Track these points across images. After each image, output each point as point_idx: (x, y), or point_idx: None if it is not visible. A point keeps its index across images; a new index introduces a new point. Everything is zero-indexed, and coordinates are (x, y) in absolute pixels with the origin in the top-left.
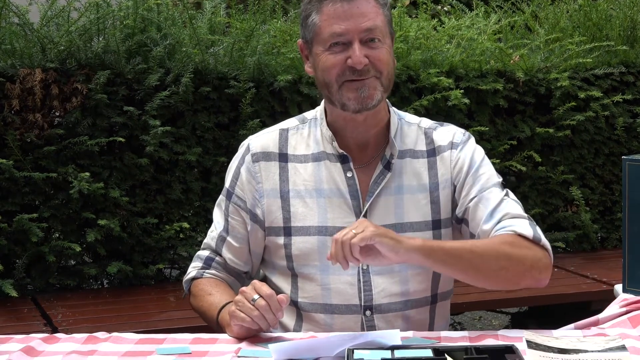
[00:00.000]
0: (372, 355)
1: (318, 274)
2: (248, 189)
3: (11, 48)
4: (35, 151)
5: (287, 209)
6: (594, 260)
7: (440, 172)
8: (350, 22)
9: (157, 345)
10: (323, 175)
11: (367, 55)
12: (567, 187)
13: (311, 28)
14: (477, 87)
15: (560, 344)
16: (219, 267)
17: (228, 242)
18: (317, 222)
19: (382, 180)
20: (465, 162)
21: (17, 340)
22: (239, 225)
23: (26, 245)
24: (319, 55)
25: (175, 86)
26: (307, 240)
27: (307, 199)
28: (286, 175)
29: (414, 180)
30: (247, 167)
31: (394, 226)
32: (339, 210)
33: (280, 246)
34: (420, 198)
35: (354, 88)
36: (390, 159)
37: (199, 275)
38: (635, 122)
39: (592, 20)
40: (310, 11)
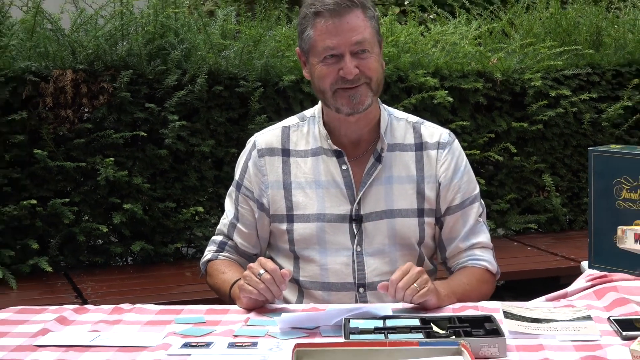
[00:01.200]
0: (366, 324)
1: (317, 256)
2: (255, 181)
3: (45, 51)
4: (66, 143)
5: (290, 199)
6: (563, 240)
7: (426, 167)
8: (341, 37)
9: (175, 315)
10: (321, 169)
11: (357, 65)
12: (539, 175)
13: (307, 41)
14: (460, 86)
15: (533, 314)
16: (231, 250)
17: (238, 228)
18: (316, 210)
19: (374, 171)
20: (451, 165)
21: (51, 310)
22: (247, 214)
23: (59, 226)
24: (314, 65)
25: (191, 85)
26: (308, 226)
27: (307, 189)
28: (288, 168)
29: (403, 171)
30: (254, 162)
31: (385, 212)
32: (335, 199)
33: (284, 232)
34: (407, 188)
35: (347, 95)
36: (380, 152)
37: (214, 257)
38: (600, 117)
39: (562, 27)
40: (306, 26)
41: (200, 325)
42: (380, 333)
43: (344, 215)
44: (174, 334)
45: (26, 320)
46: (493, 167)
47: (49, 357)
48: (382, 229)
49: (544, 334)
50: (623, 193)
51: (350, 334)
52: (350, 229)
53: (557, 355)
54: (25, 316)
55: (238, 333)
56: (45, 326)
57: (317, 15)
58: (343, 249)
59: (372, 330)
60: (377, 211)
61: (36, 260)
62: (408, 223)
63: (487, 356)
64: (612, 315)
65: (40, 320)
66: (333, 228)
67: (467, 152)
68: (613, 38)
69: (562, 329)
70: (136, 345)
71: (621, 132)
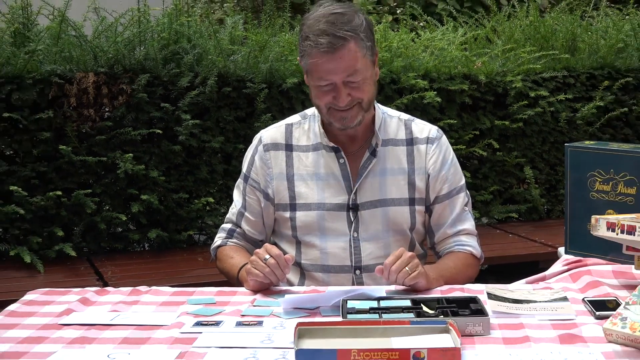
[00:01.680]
0: (362, 304)
1: (317, 241)
2: (261, 173)
3: (69, 56)
4: (89, 139)
5: (292, 189)
6: (541, 228)
7: (416, 160)
8: (334, 73)
9: (187, 296)
10: (321, 162)
11: (350, 93)
12: (520, 168)
13: (305, 65)
14: (447, 87)
15: (514, 295)
16: (239, 237)
17: (246, 217)
18: (316, 200)
19: (369, 165)
20: (439, 159)
21: (74, 292)
22: (254, 203)
23: (82, 215)
24: (311, 84)
25: (202, 87)
26: (309, 214)
27: (309, 181)
28: (291, 162)
29: (395, 164)
30: (260, 156)
31: (379, 202)
32: (334, 190)
33: (287, 219)
34: (399, 179)
35: (339, 116)
36: (375, 147)
37: (223, 243)
38: (575, 116)
39: (541, 34)
40: (303, 53)
41: (211, 306)
42: (375, 313)
43: (341, 205)
44: (186, 314)
45: (52, 301)
46: (478, 162)
47: (72, 334)
48: (377, 216)
49: (524, 314)
50: (596, 185)
51: (347, 314)
52: (347, 216)
53: (536, 333)
54: (51, 297)
55: (245, 313)
56: (70, 306)
57: (312, 48)
58: (341, 235)
59: (368, 310)
60: (372, 200)
61: (61, 246)
62: (400, 211)
63: (472, 334)
64: (587, 297)
65: (64, 301)
66: (332, 216)
67: (454, 147)
68: (587, 44)
69: (540, 309)
70: (152, 324)
71: (594, 130)
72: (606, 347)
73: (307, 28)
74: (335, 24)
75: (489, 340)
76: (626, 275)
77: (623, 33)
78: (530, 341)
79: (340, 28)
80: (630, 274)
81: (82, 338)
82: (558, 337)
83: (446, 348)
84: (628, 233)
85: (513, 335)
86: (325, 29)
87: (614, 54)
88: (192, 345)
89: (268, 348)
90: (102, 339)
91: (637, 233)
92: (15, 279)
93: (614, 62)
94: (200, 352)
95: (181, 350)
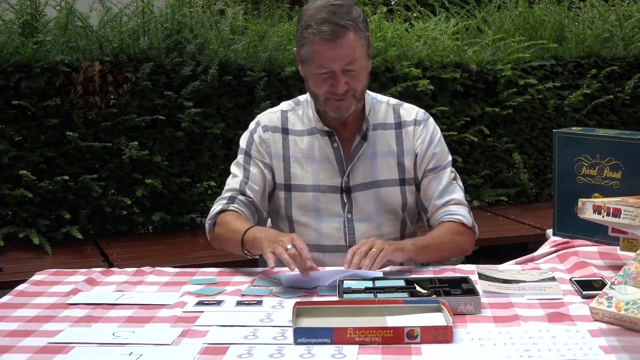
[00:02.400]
0: (358, 284)
1: (313, 222)
2: (262, 149)
3: (76, 45)
4: (95, 126)
5: (288, 170)
6: (530, 211)
7: (405, 142)
8: (335, 60)
9: (190, 276)
10: (315, 146)
11: (347, 81)
12: (509, 153)
13: (305, 53)
14: (440, 76)
15: (504, 275)
16: (240, 203)
17: (250, 185)
18: (311, 182)
19: (360, 148)
20: (426, 138)
21: (81, 273)
22: (258, 174)
23: (88, 199)
24: (309, 73)
25: (204, 75)
26: (304, 195)
27: (304, 164)
28: (287, 144)
29: (385, 147)
30: (259, 134)
31: (371, 183)
32: (328, 172)
33: (282, 199)
34: (390, 161)
35: (335, 105)
36: (366, 131)
37: (225, 208)
38: (563, 103)
39: (530, 24)
40: (304, 41)
41: (212, 286)
42: (370, 292)
43: (335, 187)
44: (188, 294)
45: (59, 281)
46: (469, 147)
47: (79, 313)
48: (369, 197)
49: (513, 293)
50: (583, 169)
51: (343, 294)
52: (341, 198)
53: (525, 312)
54: (58, 278)
55: (245, 292)
56: (76, 286)
57: (314, 36)
58: (335, 216)
59: (363, 290)
60: (364, 182)
61: (68, 228)
62: (391, 191)
63: (464, 312)
64: (574, 277)
65: (71, 281)
66: (326, 198)
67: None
68: (574, 34)
69: (529, 288)
70: (156, 303)
71: (581, 116)
72: (592, 325)
73: (309, 17)
74: (337, 14)
75: (479, 319)
76: (612, 256)
77: (609, 23)
78: (520, 320)
79: (341, 18)
80: (616, 254)
81: (88, 317)
82: (546, 316)
83: (439, 326)
84: (613, 215)
85: (503, 314)
86: (328, 18)
87: (600, 44)
88: (194, 324)
89: (267, 326)
90: (107, 317)
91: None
92: (24, 260)
93: (600, 51)
94: (202, 331)
95: (184, 328)
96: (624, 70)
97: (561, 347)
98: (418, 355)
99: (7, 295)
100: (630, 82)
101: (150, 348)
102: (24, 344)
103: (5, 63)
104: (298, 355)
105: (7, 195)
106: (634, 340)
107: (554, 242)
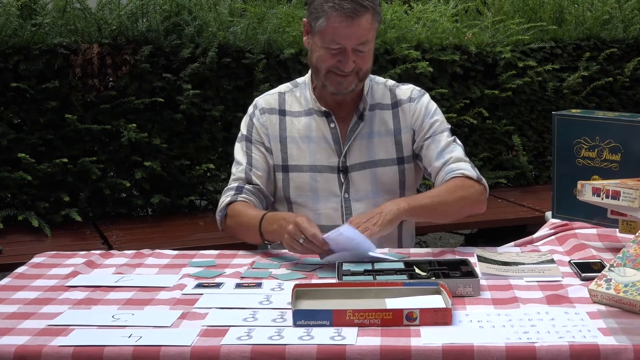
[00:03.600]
0: (357, 267)
1: (310, 202)
2: (262, 132)
3: (74, 28)
4: (94, 108)
5: (285, 151)
6: (529, 193)
7: (401, 120)
8: (349, 37)
9: (189, 259)
10: (312, 126)
11: (355, 60)
12: (508, 136)
13: (318, 26)
14: (439, 58)
15: (503, 257)
16: (248, 193)
17: (254, 172)
18: (308, 162)
19: (357, 128)
20: (422, 111)
21: (81, 255)
22: (260, 159)
23: (87, 181)
24: (317, 46)
25: (203, 58)
26: (301, 175)
27: (301, 144)
28: (284, 125)
29: (382, 127)
30: (257, 118)
31: (367, 163)
32: (325, 152)
33: (280, 180)
34: (387, 140)
35: (337, 80)
36: (363, 111)
37: (234, 199)
38: (562, 85)
39: (529, 5)
40: (320, 14)
41: (211, 268)
42: (369, 275)
43: (332, 167)
44: (188, 276)
45: (59, 263)
46: (468, 129)
47: (78, 296)
48: (366, 177)
49: (512, 275)
50: (582, 152)
51: (342, 276)
52: (338, 178)
53: (524, 294)
54: (58, 260)
55: (245, 275)
56: (76, 269)
57: (334, 10)
58: (332, 196)
59: (362, 272)
60: (361, 162)
61: (67, 211)
62: (388, 171)
63: (463, 295)
64: (573, 259)
65: (71, 263)
66: (324, 178)
67: (445, 115)
68: (573, 16)
69: (528, 271)
70: (155, 285)
71: (580, 99)
72: (591, 307)
73: None
74: None
75: (478, 301)
76: (610, 238)
77: (608, 5)
78: (519, 302)
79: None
80: (615, 237)
81: (88, 299)
82: (545, 298)
83: (438, 308)
84: (613, 198)
85: (502, 297)
86: None
87: (600, 26)
88: (194, 306)
89: (267, 309)
90: (107, 300)
91: (622, 198)
92: (23, 242)
93: (600, 33)
94: (202, 313)
95: (183, 310)
96: (623, 53)
97: (560, 329)
98: (417, 337)
99: (7, 278)
100: (630, 64)
101: (150, 330)
102: (23, 326)
103: (3, 45)
104: (297, 337)
105: (6, 177)
106: (632, 322)
107: (553, 224)
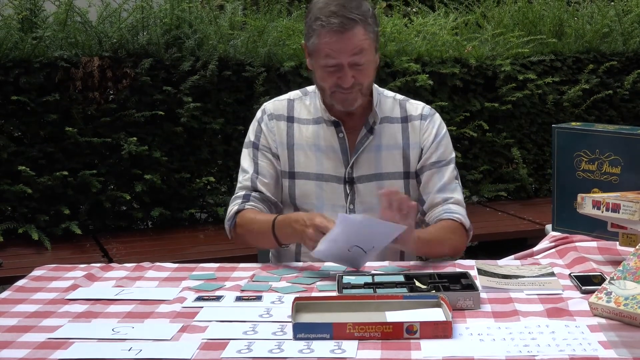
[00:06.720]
0: (357, 280)
1: (315, 210)
2: (269, 138)
3: (75, 41)
4: (94, 121)
5: (292, 158)
6: (529, 206)
7: (411, 136)
8: (342, 52)
9: (189, 272)
10: (321, 135)
11: (354, 75)
12: (508, 149)
13: (312, 45)
14: (439, 71)
15: (503, 270)
16: (256, 200)
17: (260, 180)
18: (315, 170)
19: (366, 140)
20: (433, 132)
21: (80, 268)
22: (267, 166)
23: (88, 194)
24: (316, 66)
25: (203, 71)
26: (307, 183)
27: (308, 152)
28: (292, 132)
29: (391, 140)
30: (265, 123)
31: (374, 175)
32: (332, 162)
33: (286, 186)
34: (395, 154)
35: (342, 99)
36: (372, 124)
37: (241, 207)
38: (562, 98)
39: (529, 19)
40: (312, 33)
41: (212, 281)
42: (369, 288)
43: (339, 177)
44: (188, 289)
45: (59, 276)
46: (468, 142)
47: (78, 309)
48: (372, 189)
49: (513, 289)
50: (582, 164)
51: (343, 289)
52: (344, 189)
53: (524, 307)
54: (58, 273)
55: (245, 288)
56: (76, 282)
57: (322, 28)
58: (338, 206)
59: (362, 285)
60: (368, 174)
61: (68, 224)
62: (394, 184)
63: (463, 308)
64: (573, 272)
65: (71, 276)
66: (330, 187)
67: None
68: (573, 29)
69: (529, 284)
70: (155, 298)
71: (580, 111)
72: (592, 321)
73: (318, 10)
74: (346, 7)
75: (479, 314)
76: (611, 251)
77: (608, 18)
78: (519, 315)
79: (350, 11)
80: (615, 250)
81: (88, 312)
82: (545, 311)
83: (438, 321)
84: (613, 211)
85: (502, 310)
86: (337, 11)
87: (599, 39)
88: (194, 319)
89: (267, 322)
90: (107, 313)
91: (622, 211)
92: (23, 255)
93: (599, 46)
94: (202, 326)
95: (183, 324)
96: (623, 66)
97: (560, 343)
98: (417, 350)
99: (7, 291)
100: (630, 77)
101: (150, 343)
102: (23, 339)
103: (4, 58)
104: (297, 351)
105: (6, 190)
106: (633, 335)
107: (553, 237)
